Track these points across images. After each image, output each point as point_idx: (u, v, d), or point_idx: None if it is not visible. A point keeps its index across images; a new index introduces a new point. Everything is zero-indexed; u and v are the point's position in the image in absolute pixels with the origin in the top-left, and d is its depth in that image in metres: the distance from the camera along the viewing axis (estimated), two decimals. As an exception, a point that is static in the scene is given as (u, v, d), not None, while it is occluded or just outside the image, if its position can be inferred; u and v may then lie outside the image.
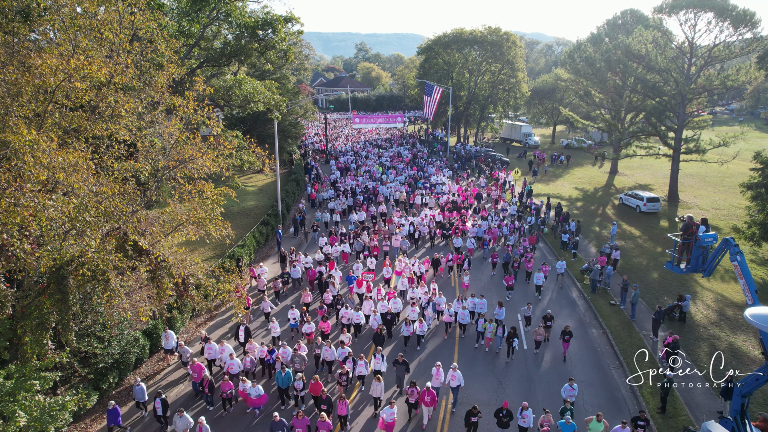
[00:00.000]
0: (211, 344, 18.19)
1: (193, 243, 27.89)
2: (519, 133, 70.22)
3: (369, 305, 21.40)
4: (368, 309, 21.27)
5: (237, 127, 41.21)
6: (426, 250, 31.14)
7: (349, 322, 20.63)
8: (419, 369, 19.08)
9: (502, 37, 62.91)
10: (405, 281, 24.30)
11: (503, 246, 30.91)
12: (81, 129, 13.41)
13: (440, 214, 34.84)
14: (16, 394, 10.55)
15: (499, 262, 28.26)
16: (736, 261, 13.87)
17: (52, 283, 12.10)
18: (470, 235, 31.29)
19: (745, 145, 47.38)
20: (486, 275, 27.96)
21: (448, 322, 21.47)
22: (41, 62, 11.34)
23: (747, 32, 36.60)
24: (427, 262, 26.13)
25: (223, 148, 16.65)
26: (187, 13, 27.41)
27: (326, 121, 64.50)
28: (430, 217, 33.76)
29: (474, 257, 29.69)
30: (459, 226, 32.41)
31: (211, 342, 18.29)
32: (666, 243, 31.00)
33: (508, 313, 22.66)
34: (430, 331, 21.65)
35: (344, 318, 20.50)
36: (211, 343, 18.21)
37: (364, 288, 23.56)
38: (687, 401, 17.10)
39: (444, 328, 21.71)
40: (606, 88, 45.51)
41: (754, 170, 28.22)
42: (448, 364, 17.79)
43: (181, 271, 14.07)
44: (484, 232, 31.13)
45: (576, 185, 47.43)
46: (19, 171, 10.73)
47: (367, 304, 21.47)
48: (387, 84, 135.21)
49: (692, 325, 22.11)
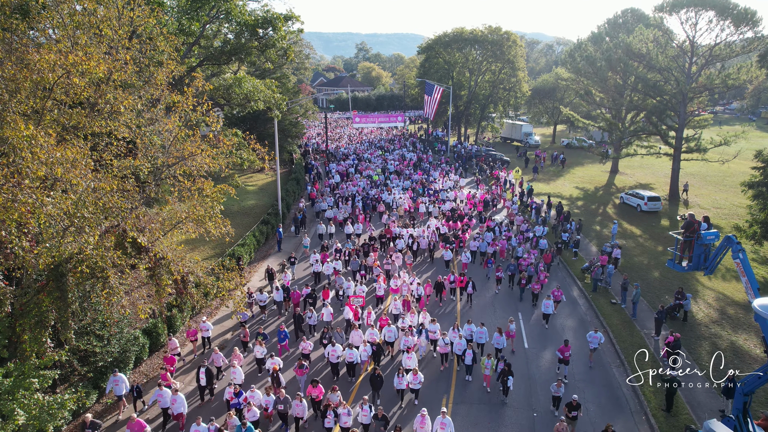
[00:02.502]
0: (162, 390, 15.12)
1: (192, 241, 27.84)
2: (519, 132, 70.16)
3: (357, 336, 18.54)
4: (357, 340, 18.45)
5: (237, 126, 41.19)
6: (427, 266, 28.60)
7: (338, 361, 17.76)
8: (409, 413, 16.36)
9: (502, 37, 62.86)
10: (399, 304, 21.35)
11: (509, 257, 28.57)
12: (80, 126, 13.33)
13: (444, 224, 32.09)
14: (15, 392, 10.49)
15: (504, 276, 25.50)
16: (738, 259, 13.81)
17: (50, 281, 12.03)
18: (471, 248, 28.56)
19: (746, 144, 47.30)
20: (488, 295, 25.02)
21: (444, 353, 18.70)
22: (39, 58, 11.27)
23: (748, 31, 36.58)
24: (429, 286, 23.27)
25: (222, 146, 16.57)
26: (187, 11, 27.35)
27: (326, 121, 64.43)
28: (433, 228, 30.93)
29: (476, 275, 26.25)
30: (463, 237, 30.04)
31: (162, 387, 15.19)
32: (667, 242, 30.93)
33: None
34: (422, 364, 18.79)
35: (332, 356, 17.58)
36: (163, 389, 15.13)
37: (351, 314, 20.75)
38: (689, 400, 17.03)
39: (441, 360, 18.88)
40: (607, 87, 45.44)
41: (755, 169, 28.15)
42: (439, 404, 16.04)
43: (180, 268, 14.00)
44: (488, 245, 28.54)
45: (577, 184, 47.36)
46: (17, 167, 10.66)
47: (355, 334, 18.61)
48: (387, 84, 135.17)
49: (693, 324, 22.04)
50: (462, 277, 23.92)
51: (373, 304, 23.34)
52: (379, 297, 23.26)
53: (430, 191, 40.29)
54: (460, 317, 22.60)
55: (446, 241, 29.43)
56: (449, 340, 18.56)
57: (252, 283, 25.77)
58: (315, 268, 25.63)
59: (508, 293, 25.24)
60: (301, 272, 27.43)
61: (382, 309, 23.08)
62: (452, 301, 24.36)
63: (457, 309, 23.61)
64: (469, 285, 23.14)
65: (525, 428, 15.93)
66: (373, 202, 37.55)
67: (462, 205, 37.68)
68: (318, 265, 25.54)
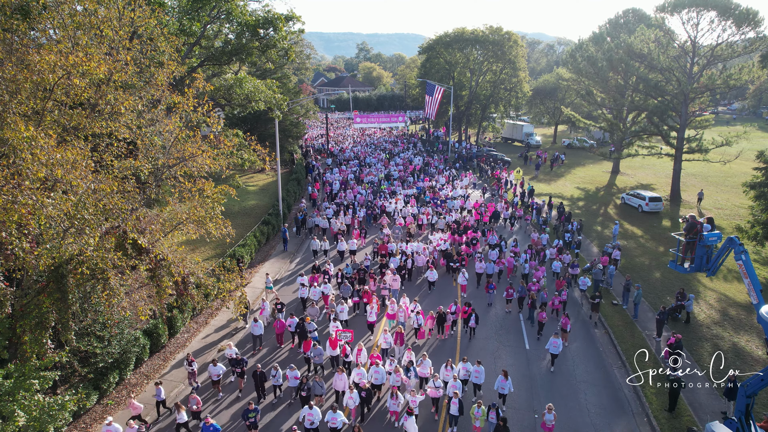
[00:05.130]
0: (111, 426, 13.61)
1: (193, 242, 27.82)
2: (520, 132, 70.14)
3: (341, 381, 15.85)
4: (342, 385, 15.85)
5: (238, 127, 41.13)
6: (424, 290, 24.95)
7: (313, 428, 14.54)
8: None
9: (503, 37, 62.84)
10: (389, 337, 18.54)
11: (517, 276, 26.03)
12: (80, 127, 13.32)
13: (449, 238, 29.20)
14: (16, 393, 10.46)
15: (514, 297, 22.97)
16: (740, 260, 13.75)
17: (51, 282, 12.00)
18: (477, 270, 25.52)
19: (748, 144, 47.22)
20: (491, 325, 22.09)
21: (435, 398, 15.80)
22: (40, 59, 11.25)
23: (750, 31, 36.48)
24: (431, 318, 20.25)
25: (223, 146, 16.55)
26: (187, 12, 27.35)
27: (327, 121, 64.43)
28: (435, 244, 28.08)
29: (477, 302, 23.19)
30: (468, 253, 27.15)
31: None
32: (668, 242, 30.87)
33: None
34: None
35: (308, 421, 14.49)
36: None
37: (338, 350, 17.78)
38: (690, 401, 16.98)
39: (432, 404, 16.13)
40: (608, 87, 45.39)
41: (757, 170, 28.08)
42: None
43: (181, 269, 13.97)
44: (494, 264, 25.45)
45: (578, 185, 47.30)
46: (18, 168, 10.64)
47: (339, 378, 15.86)
48: (388, 84, 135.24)
49: (695, 325, 21.99)
50: (466, 307, 20.73)
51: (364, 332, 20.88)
52: (370, 323, 20.51)
53: (437, 201, 37.06)
54: (458, 353, 19.79)
55: (448, 258, 26.71)
56: (441, 382, 15.86)
57: (253, 282, 25.72)
58: (301, 293, 22.73)
59: (515, 323, 22.32)
60: (287, 296, 24.48)
61: (372, 340, 20.54)
62: (451, 335, 21.30)
63: (457, 343, 20.60)
64: (472, 318, 20.26)
65: (527, 429, 15.87)
66: (375, 211, 34.79)
67: (469, 216, 34.25)
68: (305, 289, 22.70)
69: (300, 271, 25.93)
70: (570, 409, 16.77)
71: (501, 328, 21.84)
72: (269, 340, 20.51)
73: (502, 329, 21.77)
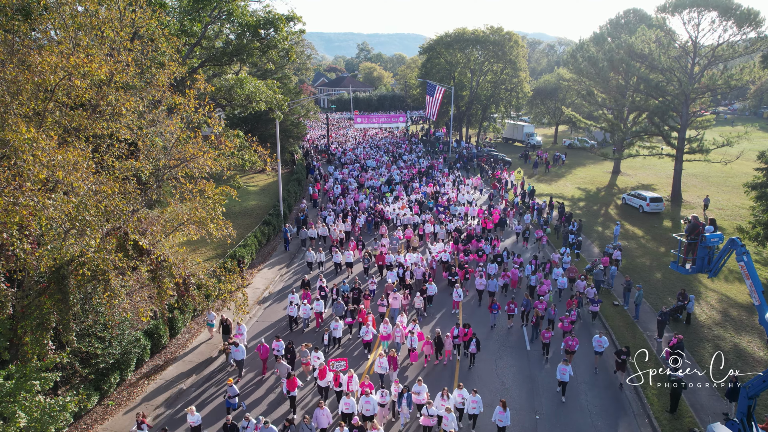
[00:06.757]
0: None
1: (194, 243, 27.82)
2: (521, 133, 70.15)
3: (325, 417, 14.51)
4: (325, 421, 14.56)
5: (239, 127, 41.15)
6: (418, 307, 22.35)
7: None
8: None
9: (504, 37, 62.82)
10: (384, 362, 17.02)
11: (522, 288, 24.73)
12: (81, 128, 13.33)
13: (452, 248, 27.57)
14: (17, 394, 10.47)
15: (516, 313, 21.60)
16: (742, 261, 13.72)
17: (52, 283, 12.01)
18: (477, 287, 23.59)
19: (749, 144, 47.18)
20: (492, 345, 20.53)
21: (427, 427, 14.62)
22: (41, 60, 11.26)
23: (751, 31, 36.47)
24: (429, 344, 18.57)
25: (224, 147, 16.56)
26: (188, 12, 27.37)
27: (328, 121, 64.41)
28: (435, 254, 26.47)
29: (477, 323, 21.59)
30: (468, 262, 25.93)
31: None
32: (669, 243, 30.84)
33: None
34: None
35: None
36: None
37: (329, 378, 16.24)
38: (692, 402, 16.96)
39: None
40: (609, 87, 45.37)
41: (759, 170, 28.04)
42: None
43: (182, 270, 13.97)
44: (496, 282, 23.52)
45: (578, 185, 47.28)
46: (19, 169, 10.64)
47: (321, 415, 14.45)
48: (389, 84, 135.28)
49: (696, 326, 21.96)
50: (466, 329, 19.06)
51: (360, 353, 19.68)
52: (365, 342, 19.38)
53: (440, 208, 35.43)
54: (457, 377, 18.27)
55: (449, 271, 25.24)
56: (435, 410, 14.60)
57: (254, 283, 25.70)
58: (290, 311, 21.11)
59: (519, 342, 20.95)
60: (275, 314, 22.75)
61: (368, 361, 19.18)
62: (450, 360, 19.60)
63: (456, 369, 18.95)
64: (472, 343, 18.59)
65: (527, 430, 15.84)
66: (376, 218, 33.00)
67: (474, 222, 32.88)
68: (294, 308, 21.07)
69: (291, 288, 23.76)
70: (571, 410, 16.75)
71: (503, 352, 20.06)
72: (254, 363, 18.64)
73: (504, 352, 20.03)
